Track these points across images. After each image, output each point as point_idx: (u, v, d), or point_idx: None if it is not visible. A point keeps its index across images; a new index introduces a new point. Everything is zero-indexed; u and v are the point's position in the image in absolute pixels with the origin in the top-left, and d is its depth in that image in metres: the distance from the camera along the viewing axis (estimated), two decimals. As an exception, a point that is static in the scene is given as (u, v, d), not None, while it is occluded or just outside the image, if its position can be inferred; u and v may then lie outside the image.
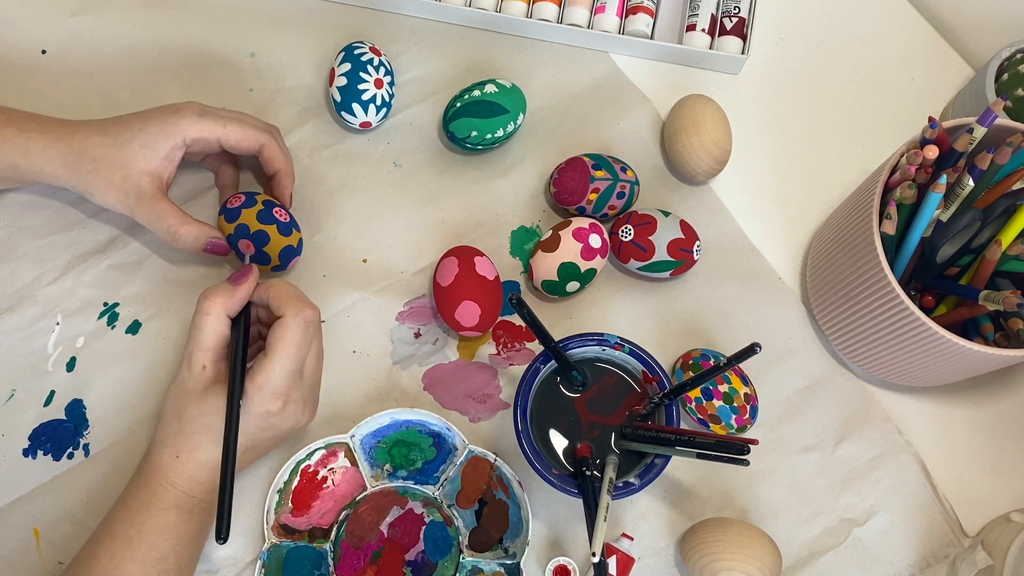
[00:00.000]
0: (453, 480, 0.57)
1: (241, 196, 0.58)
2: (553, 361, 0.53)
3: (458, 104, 0.61)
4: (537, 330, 0.49)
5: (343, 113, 0.62)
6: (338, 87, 0.62)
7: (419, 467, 0.57)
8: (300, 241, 0.59)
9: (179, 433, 0.50)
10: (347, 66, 0.62)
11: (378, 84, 0.62)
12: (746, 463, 0.45)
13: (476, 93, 0.61)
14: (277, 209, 0.58)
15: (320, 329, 0.53)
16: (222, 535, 0.46)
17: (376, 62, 0.62)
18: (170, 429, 0.51)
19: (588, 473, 0.51)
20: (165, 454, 0.50)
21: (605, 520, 0.46)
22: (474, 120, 0.61)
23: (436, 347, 0.60)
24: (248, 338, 0.52)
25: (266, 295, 0.52)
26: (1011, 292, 0.49)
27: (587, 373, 0.54)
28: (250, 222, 0.56)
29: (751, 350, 0.44)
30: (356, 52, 0.62)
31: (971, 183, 0.52)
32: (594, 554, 0.44)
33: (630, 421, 0.53)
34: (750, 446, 0.44)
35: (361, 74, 0.61)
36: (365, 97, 0.61)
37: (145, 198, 0.54)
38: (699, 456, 0.47)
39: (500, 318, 0.61)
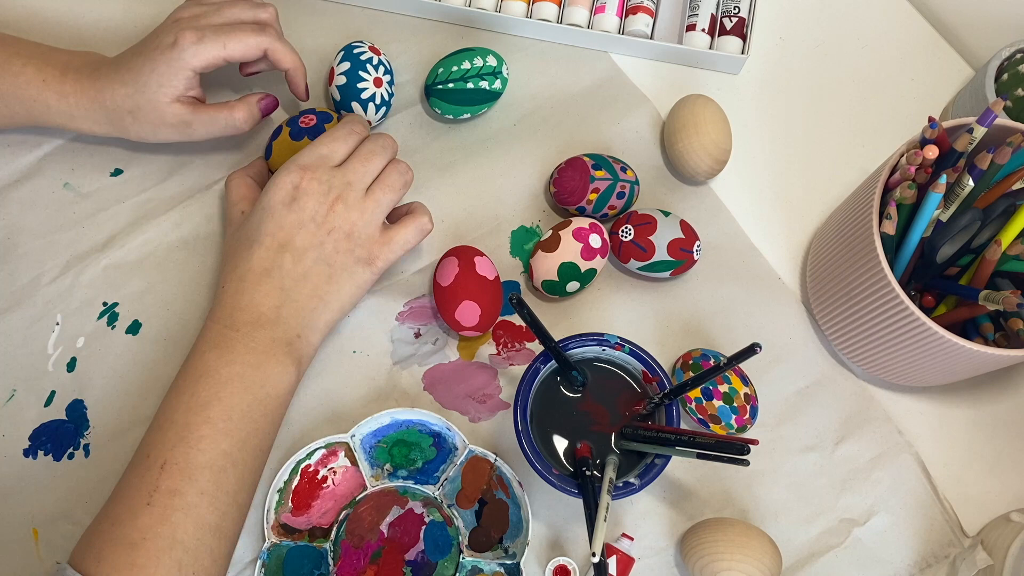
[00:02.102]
0: (453, 480, 0.57)
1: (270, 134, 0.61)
2: (553, 361, 0.53)
3: (439, 86, 0.63)
4: (537, 330, 0.49)
5: (342, 112, 0.62)
6: (337, 86, 0.62)
7: (419, 467, 0.57)
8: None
9: (223, 268, 0.54)
10: (346, 65, 0.62)
11: (377, 83, 0.62)
12: (746, 463, 0.45)
13: (452, 84, 0.62)
14: (302, 119, 0.60)
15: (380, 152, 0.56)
16: None
17: (375, 61, 0.62)
18: (222, 271, 0.54)
19: (588, 473, 0.51)
20: (218, 292, 0.53)
21: (605, 520, 0.46)
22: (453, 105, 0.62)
23: (436, 347, 0.60)
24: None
25: None
26: (1011, 292, 0.49)
27: (587, 373, 0.54)
28: (285, 151, 0.59)
29: (751, 350, 0.44)
30: (355, 51, 0.62)
31: (971, 183, 0.52)
32: (594, 554, 0.44)
33: (630, 421, 0.53)
34: (750, 446, 0.44)
35: (360, 73, 0.61)
36: (364, 96, 0.61)
37: (189, 118, 0.57)
38: (699, 456, 0.47)
39: (500, 318, 0.61)
